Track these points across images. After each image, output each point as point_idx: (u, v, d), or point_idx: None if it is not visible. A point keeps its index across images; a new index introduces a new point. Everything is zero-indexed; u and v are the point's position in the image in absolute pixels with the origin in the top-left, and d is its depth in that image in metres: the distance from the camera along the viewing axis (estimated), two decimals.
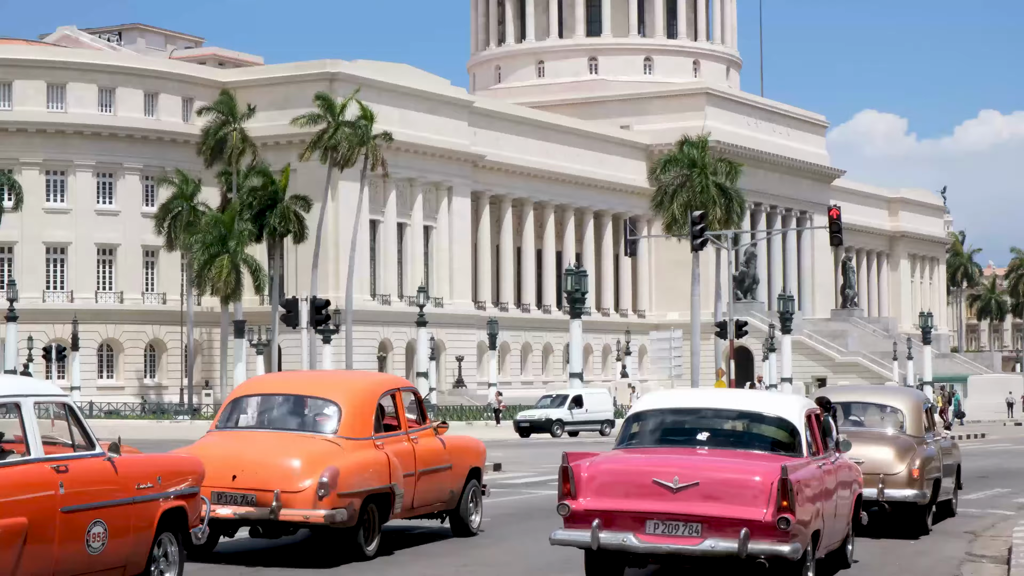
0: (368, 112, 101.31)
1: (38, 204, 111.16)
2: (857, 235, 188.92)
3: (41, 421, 15.27)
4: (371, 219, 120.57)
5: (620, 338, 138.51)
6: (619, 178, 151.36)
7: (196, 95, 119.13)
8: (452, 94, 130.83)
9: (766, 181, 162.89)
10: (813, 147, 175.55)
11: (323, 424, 21.06)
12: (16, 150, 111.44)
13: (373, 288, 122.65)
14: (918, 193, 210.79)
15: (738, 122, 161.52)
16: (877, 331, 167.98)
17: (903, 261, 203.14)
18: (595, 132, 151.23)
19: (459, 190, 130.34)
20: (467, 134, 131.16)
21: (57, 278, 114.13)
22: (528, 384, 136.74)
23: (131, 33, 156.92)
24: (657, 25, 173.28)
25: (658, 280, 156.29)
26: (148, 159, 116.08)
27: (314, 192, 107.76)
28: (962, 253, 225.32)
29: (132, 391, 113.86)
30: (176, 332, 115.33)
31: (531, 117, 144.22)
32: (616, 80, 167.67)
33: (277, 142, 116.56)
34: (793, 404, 18.94)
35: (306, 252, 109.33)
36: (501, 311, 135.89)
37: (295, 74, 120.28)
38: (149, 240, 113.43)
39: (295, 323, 61.15)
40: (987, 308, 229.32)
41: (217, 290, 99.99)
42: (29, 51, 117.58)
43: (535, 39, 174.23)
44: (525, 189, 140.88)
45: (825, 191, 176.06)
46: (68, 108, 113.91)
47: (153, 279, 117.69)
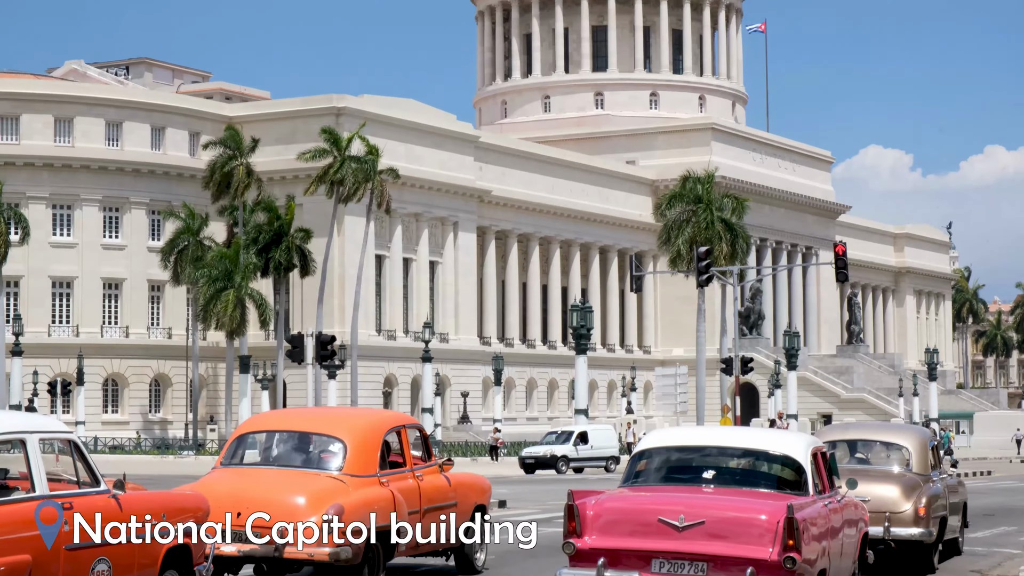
0: (373, 147, 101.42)
1: (44, 238, 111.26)
2: (863, 271, 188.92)
3: (46, 457, 15.26)
4: (377, 254, 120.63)
5: (625, 374, 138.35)
6: (624, 213, 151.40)
7: (203, 129, 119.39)
8: (458, 129, 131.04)
9: (772, 216, 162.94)
10: (819, 182, 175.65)
11: (328, 461, 21.03)
12: (23, 184, 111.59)
13: (379, 323, 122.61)
14: (924, 229, 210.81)
15: (744, 157, 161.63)
16: (883, 367, 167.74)
17: (909, 297, 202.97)
18: (600, 167, 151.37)
19: (465, 225, 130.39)
20: (473, 169, 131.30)
21: (63, 312, 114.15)
22: (533, 420, 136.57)
23: (138, 67, 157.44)
24: (663, 60, 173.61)
25: (663, 316, 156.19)
26: (155, 193, 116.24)
27: (320, 227, 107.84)
28: (967, 289, 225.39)
29: (137, 426, 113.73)
30: (181, 367, 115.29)
31: (537, 152, 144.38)
32: (622, 115, 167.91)
33: (283, 176, 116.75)
34: (799, 442, 18.90)
35: (312, 287, 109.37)
36: (506, 347, 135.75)
37: (301, 109, 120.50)
38: (155, 274, 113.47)
39: (300, 359, 61.19)
40: (993, 344, 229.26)
41: (222, 325, 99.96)
42: (36, 85, 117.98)
43: (541, 74, 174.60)
44: (531, 224, 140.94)
45: (831, 226, 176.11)
46: (75, 142, 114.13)
47: (159, 313, 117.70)
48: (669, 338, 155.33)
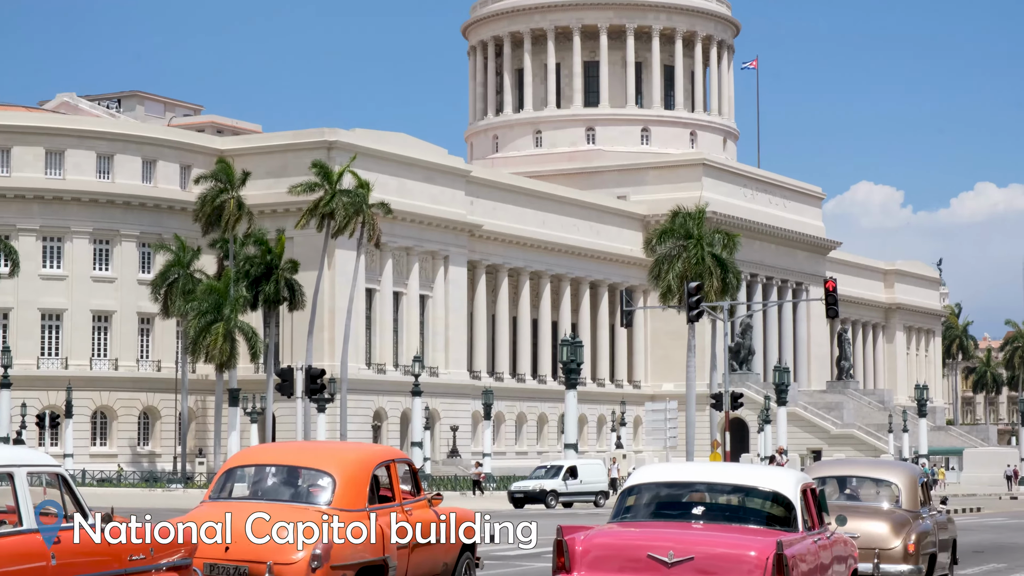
0: (364, 182, 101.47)
1: (34, 270, 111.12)
2: (853, 307, 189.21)
3: (34, 490, 15.21)
4: (367, 287, 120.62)
5: (615, 408, 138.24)
6: (615, 248, 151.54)
7: (194, 162, 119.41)
8: (449, 163, 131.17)
9: (762, 252, 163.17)
10: (809, 218, 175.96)
11: (317, 496, 20.97)
12: (13, 216, 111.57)
13: (368, 357, 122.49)
14: (914, 265, 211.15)
15: (735, 193, 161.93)
16: (872, 403, 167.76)
17: (899, 333, 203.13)
18: (592, 202, 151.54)
19: (455, 259, 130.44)
20: (464, 203, 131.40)
21: (52, 344, 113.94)
22: (523, 454, 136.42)
23: (130, 100, 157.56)
24: (655, 96, 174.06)
25: (653, 350, 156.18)
26: (145, 226, 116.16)
27: (310, 260, 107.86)
28: (957, 326, 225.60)
29: (125, 459, 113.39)
30: (170, 400, 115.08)
31: (528, 187, 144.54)
32: (613, 150, 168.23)
33: (274, 210, 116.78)
34: (788, 478, 18.88)
35: (302, 320, 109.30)
36: (496, 381, 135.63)
37: (293, 142, 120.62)
38: (145, 307, 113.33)
39: (290, 392, 61.07)
40: (982, 381, 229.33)
41: (212, 358, 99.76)
42: (28, 118, 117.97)
43: (533, 109, 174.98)
44: (521, 259, 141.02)
45: (821, 262, 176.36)
46: (66, 174, 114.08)
47: (148, 346, 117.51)
48: (659, 373, 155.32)
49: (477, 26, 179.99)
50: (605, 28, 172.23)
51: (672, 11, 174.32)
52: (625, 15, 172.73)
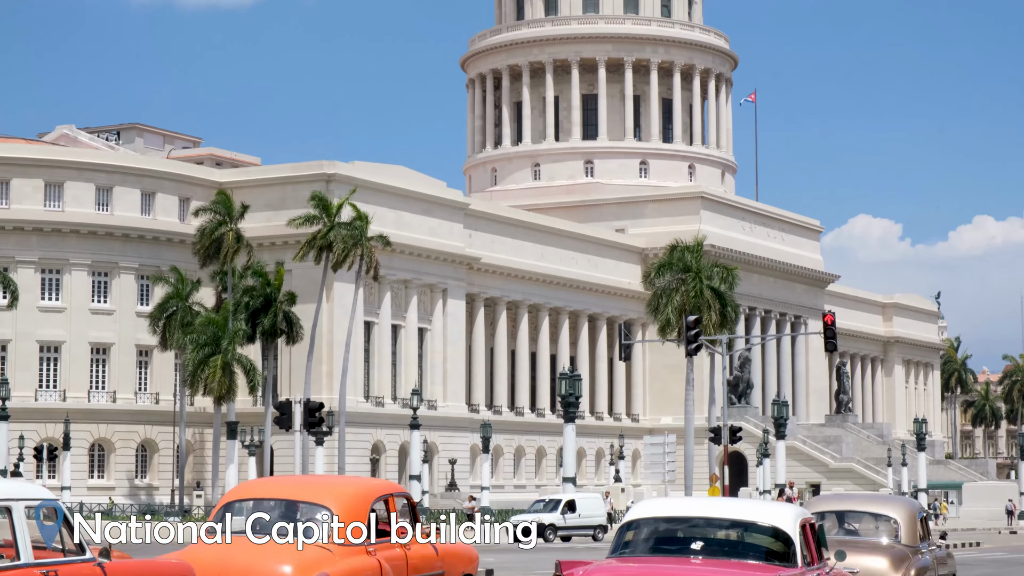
0: (363, 214, 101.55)
1: (33, 302, 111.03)
2: (851, 340, 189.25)
3: (31, 524, 15.17)
4: (365, 320, 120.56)
5: (614, 442, 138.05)
6: (614, 281, 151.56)
7: (193, 195, 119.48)
8: (448, 196, 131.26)
9: (761, 285, 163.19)
10: (808, 252, 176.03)
11: (315, 530, 20.92)
12: (12, 248, 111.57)
13: (367, 390, 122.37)
14: (912, 299, 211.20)
15: (733, 226, 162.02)
16: (871, 437, 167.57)
17: (897, 366, 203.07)
18: (590, 235, 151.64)
19: (454, 292, 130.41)
20: (462, 236, 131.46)
21: (50, 376, 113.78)
22: (521, 488, 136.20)
23: (129, 132, 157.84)
24: (653, 129, 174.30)
25: (652, 384, 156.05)
26: (144, 258, 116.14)
27: (309, 292, 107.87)
28: (956, 359, 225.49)
29: (123, 491, 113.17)
30: (168, 432, 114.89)
31: (526, 220, 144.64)
32: (611, 183, 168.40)
33: (273, 242, 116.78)
34: (787, 513, 18.83)
35: (300, 353, 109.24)
36: (495, 414, 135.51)
37: (291, 175, 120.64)
38: (143, 339, 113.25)
39: (288, 426, 61.01)
40: (981, 414, 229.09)
41: (210, 390, 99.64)
42: (27, 150, 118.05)
43: (531, 142, 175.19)
44: (520, 292, 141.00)
45: (819, 296, 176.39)
46: (65, 207, 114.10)
47: (146, 378, 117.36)
48: (657, 406, 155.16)
49: (476, 59, 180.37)
50: (603, 61, 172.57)
51: (670, 45, 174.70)
52: (623, 48, 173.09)
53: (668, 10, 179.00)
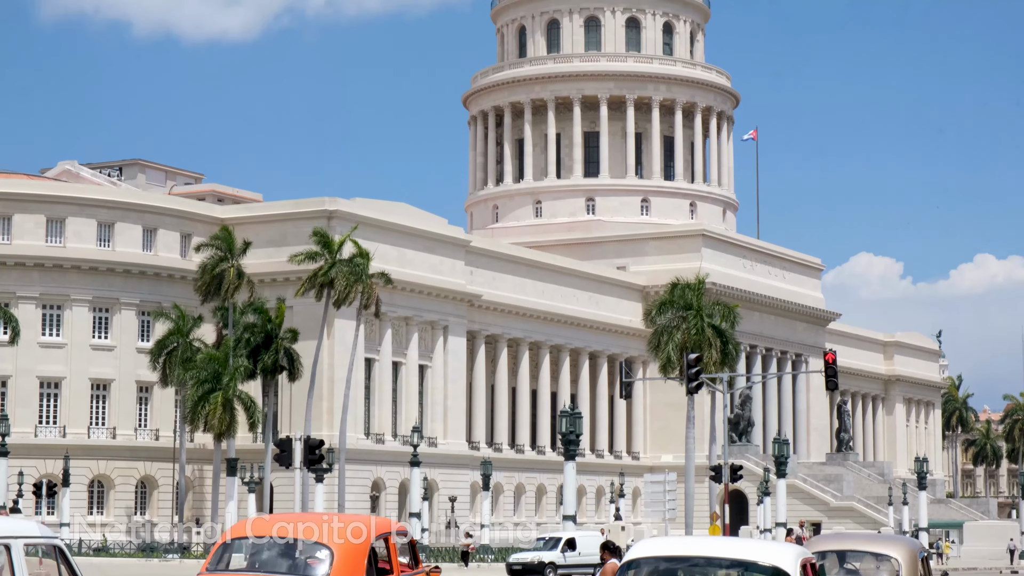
0: (364, 251, 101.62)
1: (34, 338, 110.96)
2: (852, 378, 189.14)
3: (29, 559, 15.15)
4: (366, 357, 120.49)
5: (614, 480, 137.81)
6: (615, 319, 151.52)
7: (194, 231, 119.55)
8: (449, 233, 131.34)
9: (762, 323, 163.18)
10: (809, 290, 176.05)
11: (315, 568, 20.88)
12: (13, 284, 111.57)
13: (367, 426, 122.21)
14: (913, 337, 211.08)
15: (734, 264, 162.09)
16: (872, 475, 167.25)
17: (898, 405, 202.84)
18: (591, 273, 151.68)
19: (455, 329, 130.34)
20: (463, 273, 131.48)
21: (50, 412, 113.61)
22: (521, 525, 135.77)
23: (132, 168, 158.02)
24: (654, 167, 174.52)
25: (652, 422, 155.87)
26: (145, 294, 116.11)
27: (310, 329, 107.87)
28: (957, 398, 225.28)
29: (122, 528, 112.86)
30: (168, 469, 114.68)
31: (527, 257, 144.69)
32: (613, 221, 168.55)
33: (274, 279, 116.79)
34: (788, 553, 18.79)
35: (300, 389, 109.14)
36: (495, 451, 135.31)
37: (293, 211, 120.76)
38: (144, 375, 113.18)
39: (288, 463, 60.91)
40: (982, 453, 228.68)
41: (211, 427, 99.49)
42: (29, 185, 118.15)
43: (533, 179, 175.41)
44: (521, 329, 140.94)
45: (820, 334, 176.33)
46: (67, 242, 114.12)
47: (146, 415, 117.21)
48: (658, 444, 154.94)
49: (478, 96, 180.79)
50: (605, 99, 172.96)
51: (672, 83, 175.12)
52: (625, 86, 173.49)
53: (670, 48, 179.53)
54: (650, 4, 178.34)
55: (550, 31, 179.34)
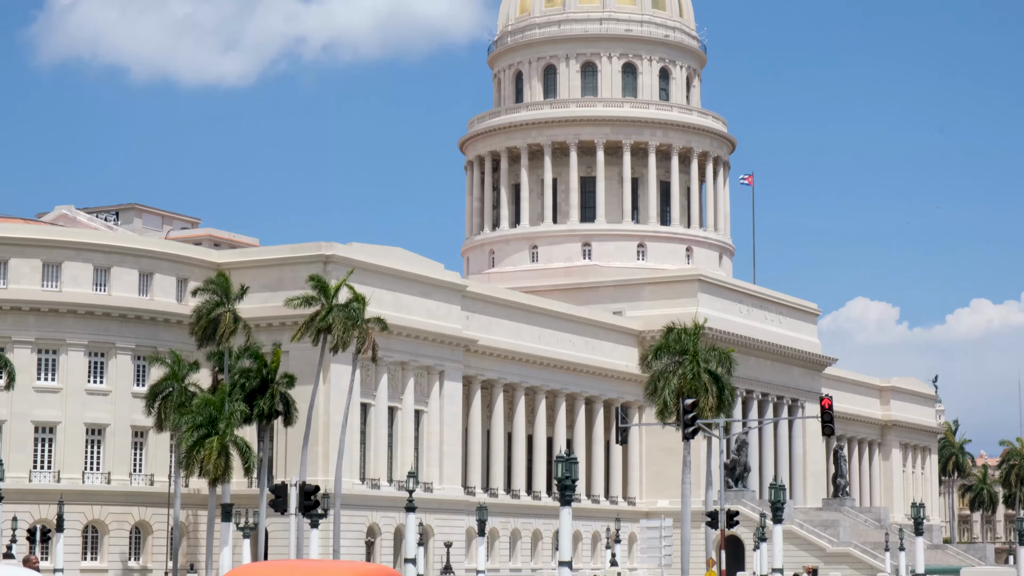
0: (360, 296, 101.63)
1: (28, 382, 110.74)
2: (849, 423, 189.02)
3: None
4: (362, 402, 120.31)
5: (610, 525, 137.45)
6: (611, 364, 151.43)
7: (191, 275, 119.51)
8: (445, 278, 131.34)
9: (758, 368, 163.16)
10: (805, 335, 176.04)
11: None
12: (8, 328, 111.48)
13: (363, 472, 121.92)
14: (910, 382, 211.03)
15: (730, 309, 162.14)
16: (869, 521, 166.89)
17: (895, 450, 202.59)
18: (587, 318, 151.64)
19: (451, 374, 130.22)
20: (460, 318, 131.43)
21: (44, 457, 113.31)
22: (517, 571, 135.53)
23: (128, 213, 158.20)
24: (651, 212, 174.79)
25: (648, 467, 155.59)
26: (141, 339, 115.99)
27: (305, 373, 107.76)
28: (954, 443, 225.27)
29: (116, 574, 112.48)
30: (162, 514, 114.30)
31: (524, 302, 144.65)
32: (609, 265, 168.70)
33: (270, 323, 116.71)
34: None
35: (296, 434, 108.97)
36: (491, 496, 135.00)
37: (289, 256, 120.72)
38: (138, 420, 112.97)
39: (283, 509, 60.72)
40: (979, 499, 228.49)
41: (206, 472, 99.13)
42: (25, 230, 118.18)
43: (529, 224, 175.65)
44: (517, 374, 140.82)
45: (817, 379, 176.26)
46: (63, 287, 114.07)
47: (141, 460, 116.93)
48: (654, 489, 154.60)
49: (474, 141, 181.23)
50: (602, 144, 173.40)
51: (668, 128, 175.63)
52: (622, 131, 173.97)
53: (666, 93, 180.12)
54: (646, 50, 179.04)
55: (547, 76, 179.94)
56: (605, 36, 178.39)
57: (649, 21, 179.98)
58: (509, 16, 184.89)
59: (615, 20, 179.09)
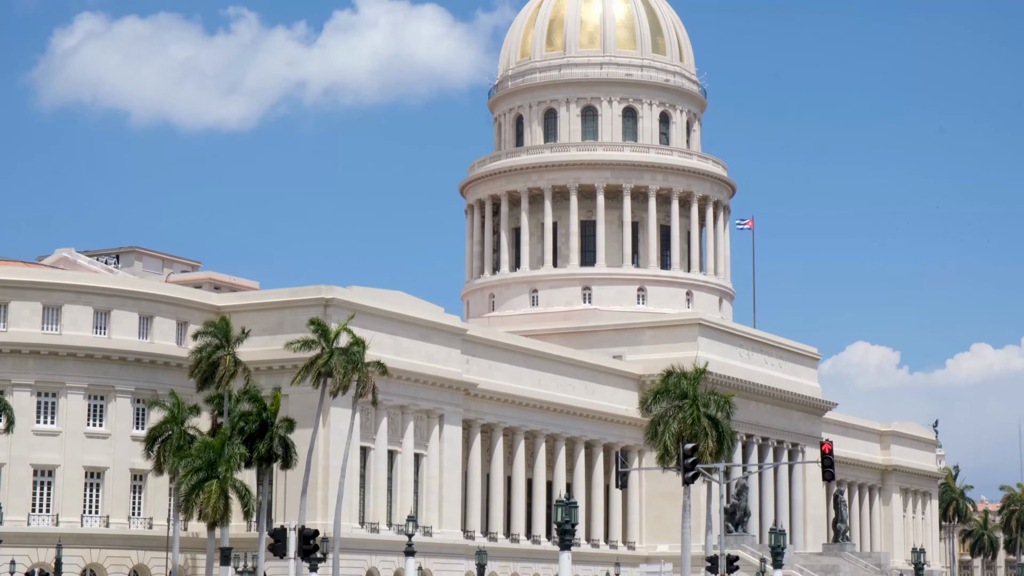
0: (360, 340, 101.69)
1: (28, 425, 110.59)
2: (849, 468, 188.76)
3: None
4: (362, 445, 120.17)
5: (609, 570, 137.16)
6: (611, 408, 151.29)
7: (191, 319, 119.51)
8: (445, 322, 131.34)
9: (758, 412, 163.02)
10: (805, 379, 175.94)
11: None
12: (8, 371, 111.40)
13: (362, 515, 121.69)
14: (910, 427, 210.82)
15: (731, 353, 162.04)
16: (869, 566, 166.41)
17: (895, 495, 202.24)
18: (587, 362, 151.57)
19: (450, 418, 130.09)
20: (460, 362, 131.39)
21: (43, 501, 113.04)
22: None
23: (129, 256, 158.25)
24: (651, 256, 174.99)
25: (648, 511, 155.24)
26: (140, 382, 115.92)
27: (305, 417, 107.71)
28: (954, 488, 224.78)
29: None
30: (161, 557, 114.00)
31: (523, 346, 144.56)
32: (609, 310, 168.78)
33: (270, 367, 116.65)
34: None
35: (295, 477, 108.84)
36: (490, 540, 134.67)
37: (289, 299, 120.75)
38: (137, 463, 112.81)
39: (282, 553, 60.70)
40: (980, 544, 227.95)
41: (205, 515, 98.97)
42: (26, 273, 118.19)
43: (529, 268, 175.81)
44: (517, 418, 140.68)
45: (817, 423, 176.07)
46: (63, 330, 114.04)
47: (140, 503, 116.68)
48: (654, 534, 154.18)
49: (475, 185, 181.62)
50: (602, 188, 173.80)
51: (668, 172, 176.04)
52: (622, 175, 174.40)
53: (667, 137, 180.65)
54: (647, 94, 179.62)
55: (547, 120, 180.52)
56: (605, 80, 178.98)
57: (649, 66, 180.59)
58: (510, 60, 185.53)
59: (615, 64, 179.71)
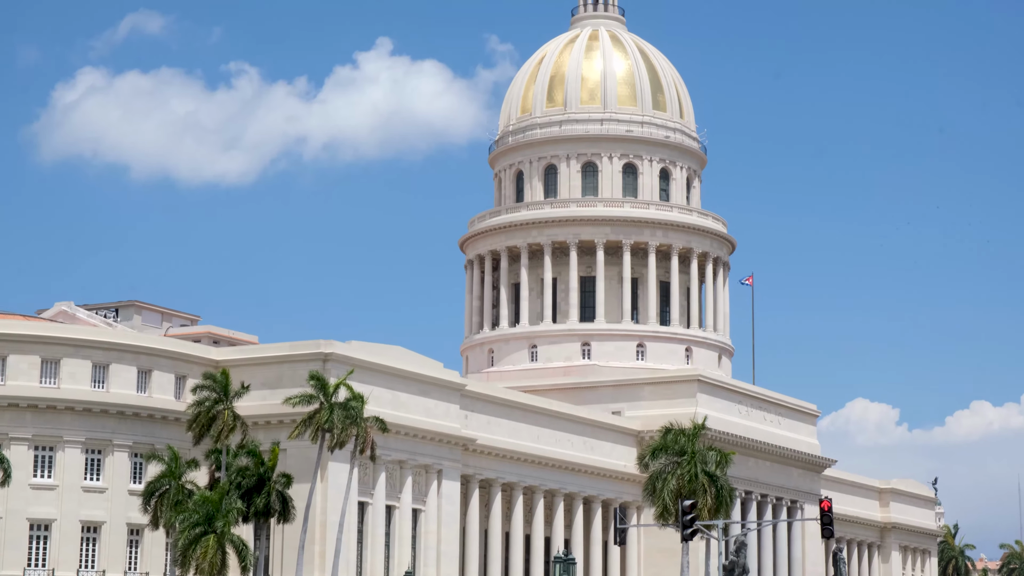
0: (359, 395, 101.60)
1: (25, 479, 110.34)
2: (848, 525, 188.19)
3: None
4: (360, 500, 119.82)
5: None
6: (610, 464, 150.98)
7: (189, 373, 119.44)
8: (444, 377, 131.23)
9: (757, 469, 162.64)
10: (804, 436, 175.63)
11: None
12: (6, 424, 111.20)
13: (359, 570, 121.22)
14: (909, 484, 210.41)
15: (729, 410, 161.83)
16: None
17: (894, 552, 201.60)
18: (586, 417, 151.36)
19: (449, 473, 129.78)
20: (458, 417, 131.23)
21: (39, 555, 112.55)
22: None
23: (128, 310, 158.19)
24: (650, 312, 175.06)
25: (647, 568, 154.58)
26: (138, 436, 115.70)
27: (303, 471, 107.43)
28: (954, 546, 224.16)
29: None
30: None
31: (522, 401, 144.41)
32: (608, 365, 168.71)
33: (268, 421, 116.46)
34: None
35: (293, 532, 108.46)
36: None
37: (288, 354, 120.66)
38: (134, 518, 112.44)
39: None
40: None
41: (201, 570, 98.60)
42: (24, 326, 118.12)
43: (529, 323, 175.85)
44: (515, 473, 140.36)
45: (816, 480, 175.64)
46: (61, 383, 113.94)
47: (137, 558, 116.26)
48: None
49: (474, 240, 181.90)
50: (602, 244, 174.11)
51: (668, 228, 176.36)
52: (622, 231, 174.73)
53: (667, 194, 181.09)
54: (647, 151, 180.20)
55: (547, 176, 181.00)
56: (606, 136, 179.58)
57: (650, 122, 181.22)
58: (511, 116, 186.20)
59: (616, 121, 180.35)
